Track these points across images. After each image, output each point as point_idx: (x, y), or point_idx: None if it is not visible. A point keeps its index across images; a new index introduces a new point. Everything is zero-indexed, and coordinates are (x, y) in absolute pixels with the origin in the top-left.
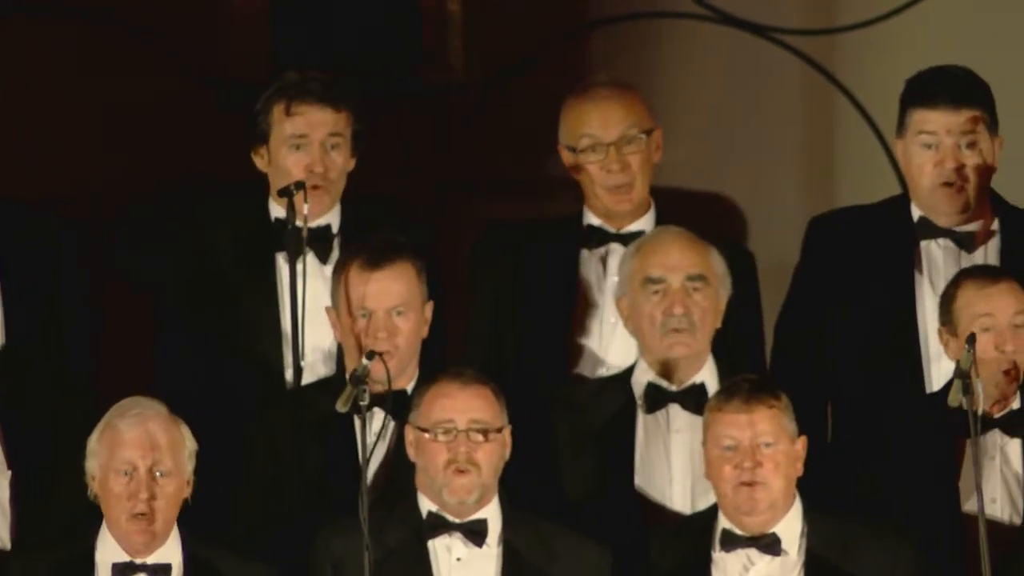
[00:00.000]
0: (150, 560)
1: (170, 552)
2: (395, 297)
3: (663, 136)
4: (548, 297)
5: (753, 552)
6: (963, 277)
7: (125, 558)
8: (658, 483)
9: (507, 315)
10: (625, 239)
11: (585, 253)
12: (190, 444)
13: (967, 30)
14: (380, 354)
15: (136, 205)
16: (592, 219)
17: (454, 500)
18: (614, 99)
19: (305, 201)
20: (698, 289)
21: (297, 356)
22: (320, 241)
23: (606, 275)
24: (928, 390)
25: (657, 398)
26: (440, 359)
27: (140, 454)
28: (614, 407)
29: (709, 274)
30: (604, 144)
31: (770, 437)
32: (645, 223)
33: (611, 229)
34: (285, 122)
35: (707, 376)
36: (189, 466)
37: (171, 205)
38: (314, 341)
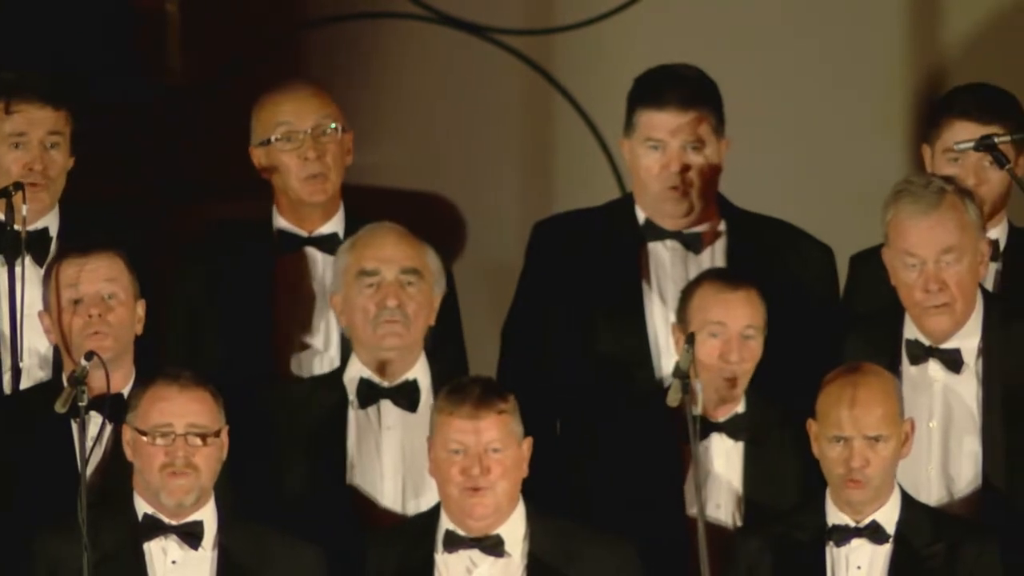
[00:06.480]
0: None
1: None
2: (103, 278)
3: (382, 136)
4: (245, 301)
5: (476, 553)
6: (705, 278)
7: None
8: (370, 480)
9: (203, 320)
10: (317, 242)
11: (310, 250)
12: None
13: (686, 30)
14: (98, 354)
15: None
16: (282, 223)
17: (172, 502)
18: (308, 90)
19: (24, 202)
20: (412, 283)
21: (16, 359)
22: (38, 245)
23: (312, 279)
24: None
25: (369, 394)
26: (157, 362)
27: None
28: (326, 405)
29: (423, 269)
30: (299, 131)
31: (499, 443)
32: (336, 225)
33: (302, 233)
34: (4, 121)
35: (419, 373)
36: None
37: None
38: (31, 345)
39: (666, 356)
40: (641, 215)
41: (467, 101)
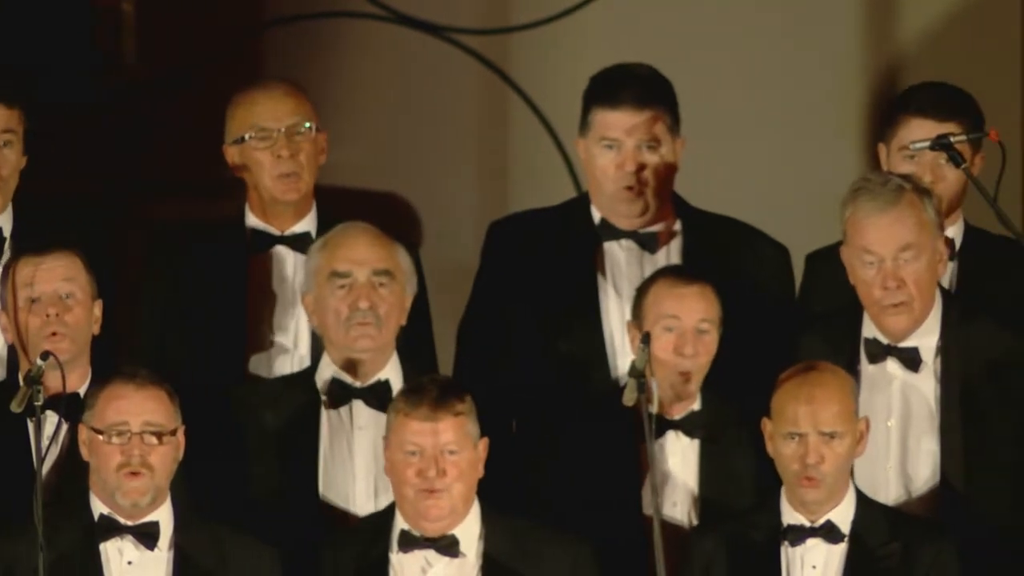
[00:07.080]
0: None
1: None
2: (61, 278)
3: (339, 135)
4: (218, 300)
5: (431, 553)
6: (659, 275)
7: None
8: (341, 481)
9: (173, 318)
10: (289, 241)
11: (282, 249)
12: None
13: (642, 30)
14: (53, 354)
15: None
16: (254, 221)
17: (127, 502)
18: (284, 89)
19: None
20: (384, 284)
21: None
22: None
23: (284, 278)
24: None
25: (341, 394)
26: (112, 361)
27: None
28: (297, 404)
29: (396, 270)
30: (274, 130)
31: (455, 446)
32: (308, 224)
33: (275, 231)
34: None
35: (391, 373)
36: None
37: None
38: None
39: (622, 356)
40: (596, 215)
41: (423, 100)
